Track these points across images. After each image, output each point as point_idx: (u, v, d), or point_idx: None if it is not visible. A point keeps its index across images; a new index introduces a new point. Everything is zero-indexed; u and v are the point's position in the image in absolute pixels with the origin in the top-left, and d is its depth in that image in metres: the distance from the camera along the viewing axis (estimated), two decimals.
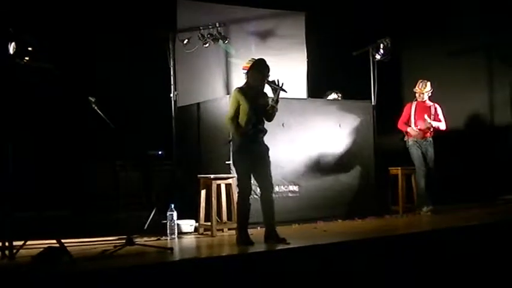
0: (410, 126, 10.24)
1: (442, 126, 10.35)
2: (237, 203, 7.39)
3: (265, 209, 7.36)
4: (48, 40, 8.67)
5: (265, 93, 7.50)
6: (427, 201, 10.01)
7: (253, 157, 7.32)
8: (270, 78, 7.38)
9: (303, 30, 12.11)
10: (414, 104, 10.38)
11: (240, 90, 7.38)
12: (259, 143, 7.41)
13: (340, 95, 10.99)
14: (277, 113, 7.45)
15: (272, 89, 7.39)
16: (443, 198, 10.73)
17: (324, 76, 11.85)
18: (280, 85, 7.32)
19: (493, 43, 12.50)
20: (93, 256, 6.44)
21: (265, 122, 7.47)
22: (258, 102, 7.38)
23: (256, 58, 7.49)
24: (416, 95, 10.36)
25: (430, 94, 10.37)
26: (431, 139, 10.29)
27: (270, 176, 7.40)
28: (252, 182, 7.35)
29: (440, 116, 10.38)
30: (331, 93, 11.04)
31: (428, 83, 10.35)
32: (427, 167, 10.12)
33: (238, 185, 7.34)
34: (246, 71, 7.44)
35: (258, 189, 7.54)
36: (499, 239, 7.96)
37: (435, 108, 10.38)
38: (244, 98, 7.28)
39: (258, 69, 7.37)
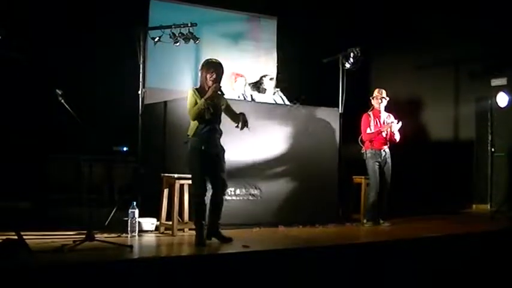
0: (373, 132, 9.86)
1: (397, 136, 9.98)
2: (193, 203, 7.47)
3: (213, 208, 7.41)
4: (18, 30, 8.61)
5: (220, 94, 7.46)
6: (372, 216, 9.81)
7: (207, 157, 7.31)
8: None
9: (274, 35, 12.16)
10: (371, 113, 9.99)
11: (195, 89, 7.45)
12: (215, 145, 7.42)
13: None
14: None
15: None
16: (405, 210, 10.83)
17: (293, 81, 11.89)
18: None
19: (461, 58, 12.66)
20: (52, 250, 6.38)
21: (221, 123, 7.52)
22: (213, 101, 7.37)
23: (209, 59, 7.54)
24: (374, 101, 10.01)
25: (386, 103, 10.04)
26: (388, 151, 9.95)
27: (223, 177, 7.44)
28: (207, 182, 7.36)
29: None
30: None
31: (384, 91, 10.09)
32: (382, 183, 9.80)
33: (192, 185, 7.42)
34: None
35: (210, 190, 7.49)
36: (456, 252, 8.07)
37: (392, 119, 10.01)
38: (199, 97, 7.33)
39: (206, 69, 7.43)
